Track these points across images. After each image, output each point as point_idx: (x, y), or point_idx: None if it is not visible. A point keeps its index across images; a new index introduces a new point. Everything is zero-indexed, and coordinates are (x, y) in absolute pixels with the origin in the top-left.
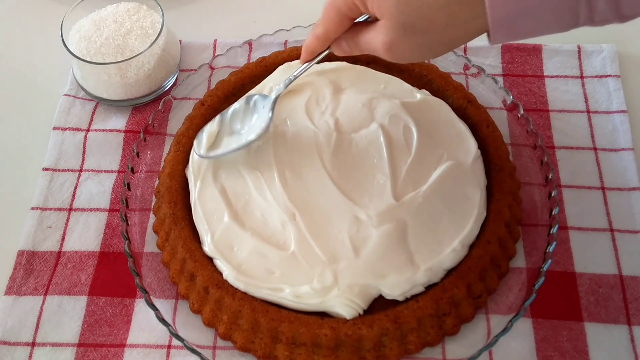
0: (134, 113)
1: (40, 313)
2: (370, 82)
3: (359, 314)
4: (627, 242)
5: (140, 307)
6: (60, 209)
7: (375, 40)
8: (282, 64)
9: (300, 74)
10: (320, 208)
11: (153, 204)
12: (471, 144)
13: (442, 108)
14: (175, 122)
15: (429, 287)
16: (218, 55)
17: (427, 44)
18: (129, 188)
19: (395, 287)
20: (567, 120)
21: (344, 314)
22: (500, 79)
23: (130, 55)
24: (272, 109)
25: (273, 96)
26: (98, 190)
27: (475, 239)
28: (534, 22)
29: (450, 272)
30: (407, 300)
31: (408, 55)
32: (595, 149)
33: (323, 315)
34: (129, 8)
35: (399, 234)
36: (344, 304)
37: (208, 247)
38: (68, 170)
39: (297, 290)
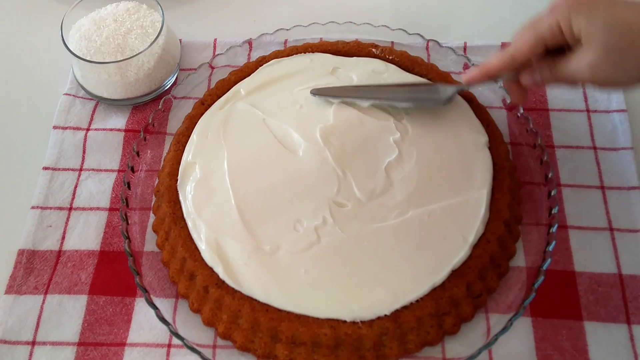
0: (134, 112)
1: (41, 312)
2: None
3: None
4: (626, 241)
5: (140, 306)
6: (60, 208)
7: (579, 64)
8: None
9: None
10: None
11: (153, 203)
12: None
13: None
14: (175, 121)
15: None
16: (218, 54)
17: (629, 65)
18: (129, 187)
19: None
20: (567, 119)
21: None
22: None
23: (130, 54)
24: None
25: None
26: (98, 189)
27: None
28: None
29: (450, 271)
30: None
31: (612, 75)
32: (594, 148)
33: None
34: (129, 7)
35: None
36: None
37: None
38: (68, 169)
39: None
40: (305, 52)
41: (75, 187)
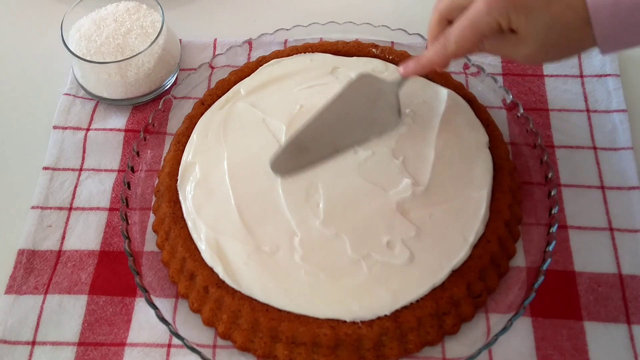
0: (134, 112)
1: (41, 312)
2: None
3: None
4: (626, 241)
5: (140, 306)
6: (60, 208)
7: (518, 52)
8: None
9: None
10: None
11: (153, 203)
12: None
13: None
14: (175, 121)
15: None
16: (218, 54)
17: (563, 54)
18: (129, 187)
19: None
20: (567, 119)
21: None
22: (499, 78)
23: (131, 54)
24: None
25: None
26: (98, 189)
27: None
28: (636, 36)
29: (450, 272)
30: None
31: (544, 60)
32: (594, 148)
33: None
34: (129, 7)
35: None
36: None
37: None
38: (68, 169)
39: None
40: (305, 52)
41: (75, 187)
